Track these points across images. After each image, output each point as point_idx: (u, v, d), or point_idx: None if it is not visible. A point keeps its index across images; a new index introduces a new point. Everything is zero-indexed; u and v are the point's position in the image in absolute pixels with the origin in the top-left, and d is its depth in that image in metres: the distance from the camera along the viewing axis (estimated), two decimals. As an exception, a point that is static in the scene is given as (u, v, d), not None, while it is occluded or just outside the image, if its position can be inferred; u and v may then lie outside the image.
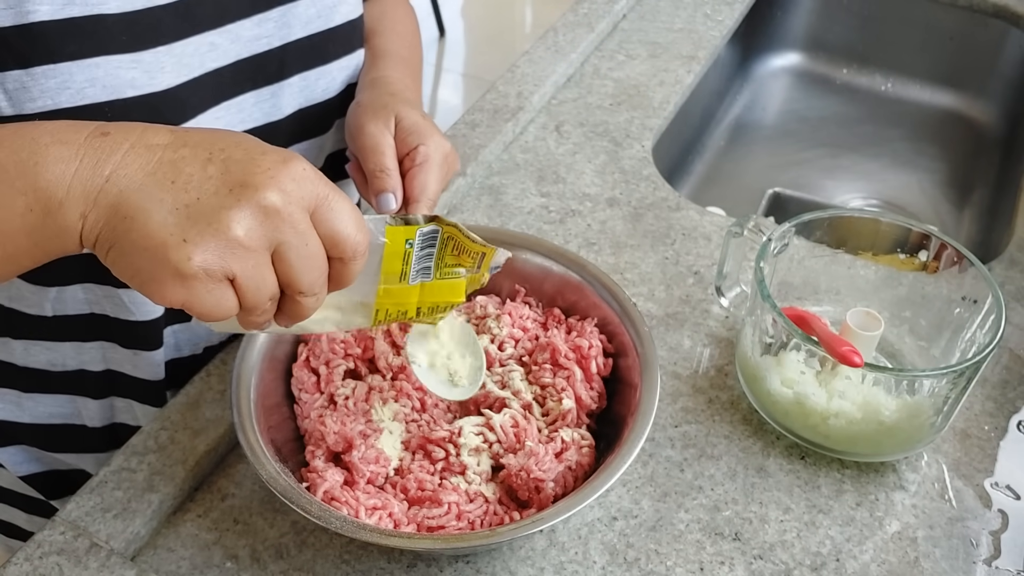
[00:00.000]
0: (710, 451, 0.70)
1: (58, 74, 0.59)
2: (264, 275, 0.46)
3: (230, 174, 0.46)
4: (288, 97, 0.74)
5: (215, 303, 0.46)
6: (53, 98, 0.59)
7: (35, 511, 0.87)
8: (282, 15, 0.70)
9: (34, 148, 0.47)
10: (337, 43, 0.75)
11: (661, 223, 0.90)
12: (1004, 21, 1.25)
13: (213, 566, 0.63)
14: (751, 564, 0.63)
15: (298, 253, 0.47)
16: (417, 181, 0.67)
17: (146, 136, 0.47)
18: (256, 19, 0.69)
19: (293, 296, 0.49)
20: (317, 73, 0.75)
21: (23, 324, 0.72)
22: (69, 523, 0.63)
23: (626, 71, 1.11)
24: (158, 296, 0.46)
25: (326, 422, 0.64)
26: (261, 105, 0.73)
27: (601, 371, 0.68)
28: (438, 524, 0.60)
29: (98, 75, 0.60)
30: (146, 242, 0.45)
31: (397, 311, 0.58)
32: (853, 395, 0.67)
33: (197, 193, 0.45)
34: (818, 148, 1.28)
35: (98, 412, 0.79)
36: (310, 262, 0.47)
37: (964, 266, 0.71)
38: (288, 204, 0.46)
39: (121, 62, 0.61)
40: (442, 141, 0.69)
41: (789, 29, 1.37)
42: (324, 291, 0.50)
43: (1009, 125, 1.26)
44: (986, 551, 0.65)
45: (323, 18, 0.73)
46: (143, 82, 0.62)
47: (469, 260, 0.58)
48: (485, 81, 2.69)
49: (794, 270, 0.77)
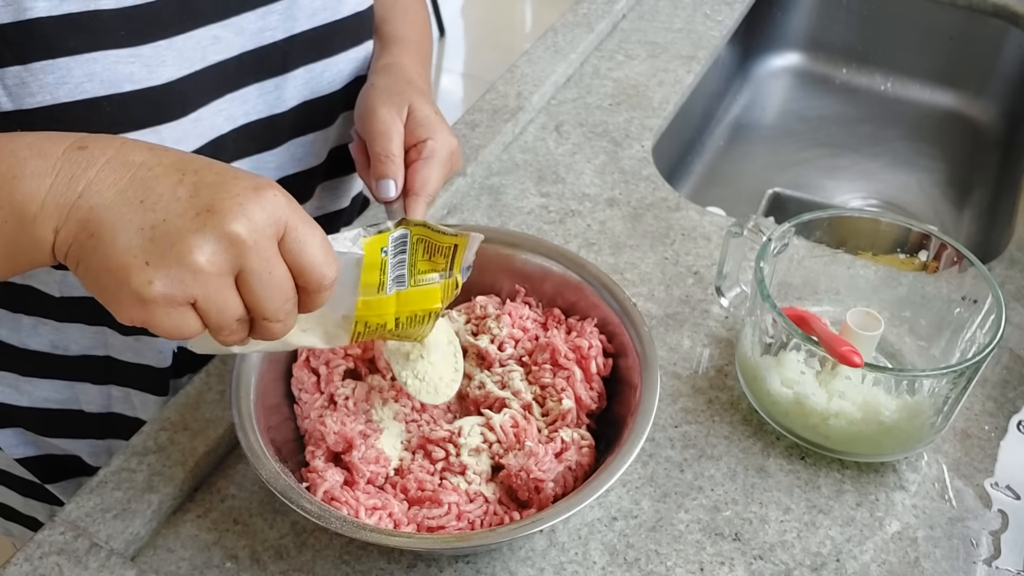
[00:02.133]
0: (710, 451, 0.70)
1: (56, 69, 0.59)
2: (226, 299, 0.47)
3: (199, 197, 0.46)
4: (292, 89, 0.74)
5: (174, 325, 0.46)
6: (52, 93, 0.59)
7: (31, 494, 0.87)
8: (287, 7, 0.70)
9: (13, 161, 0.47)
10: (344, 35, 0.75)
11: (661, 223, 0.90)
12: (1004, 21, 1.25)
13: (213, 566, 0.63)
14: (751, 564, 0.63)
15: (261, 281, 0.47)
16: (420, 175, 0.67)
17: (123, 152, 0.48)
18: (260, 11, 0.69)
19: (259, 320, 0.49)
20: (323, 65, 0.75)
21: (35, 301, 0.73)
22: (69, 523, 0.63)
23: (626, 71, 1.11)
24: (120, 316, 0.46)
25: (326, 422, 0.64)
26: (265, 97, 0.73)
27: (601, 371, 0.68)
28: (438, 524, 0.60)
29: (96, 70, 0.60)
30: (109, 263, 0.45)
31: (376, 323, 0.57)
32: (853, 395, 0.67)
33: (164, 214, 0.45)
34: (818, 148, 1.28)
35: (97, 398, 0.80)
36: (273, 290, 0.47)
37: (964, 266, 0.70)
38: (253, 232, 0.46)
39: (119, 56, 0.61)
40: (450, 138, 0.69)
41: (789, 29, 1.37)
42: (292, 317, 0.50)
43: (1009, 125, 1.26)
44: (986, 551, 0.65)
45: (329, 10, 0.73)
46: (142, 76, 0.62)
47: (442, 260, 0.57)
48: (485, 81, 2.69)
49: (794, 270, 0.77)
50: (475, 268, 0.73)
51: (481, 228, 0.74)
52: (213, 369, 0.73)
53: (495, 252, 0.72)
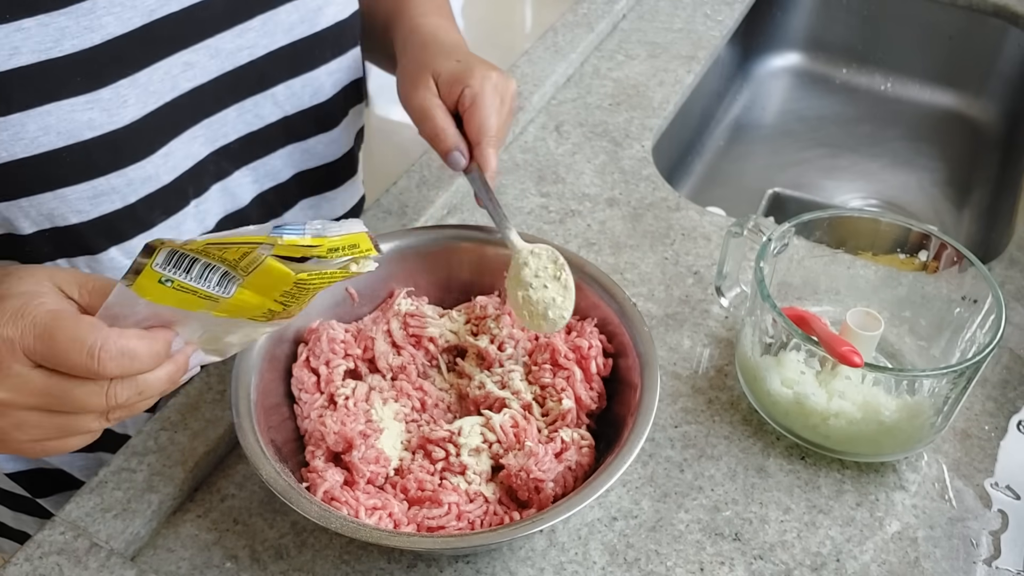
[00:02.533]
0: (710, 451, 0.70)
1: (9, 126, 0.58)
2: (21, 420, 0.49)
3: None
4: (271, 107, 0.72)
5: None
6: (8, 150, 0.58)
7: (21, 509, 0.87)
8: (263, 23, 0.68)
9: None
10: (324, 47, 0.73)
11: (661, 223, 0.90)
12: (1003, 21, 1.25)
13: (213, 566, 0.63)
14: (751, 564, 0.63)
15: (24, 418, 0.48)
16: (473, 124, 0.67)
17: None
18: (237, 30, 0.67)
19: (119, 410, 0.50)
20: (302, 80, 0.73)
21: None
22: (69, 523, 0.63)
23: (626, 71, 1.11)
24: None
25: (326, 422, 0.64)
26: (244, 116, 0.71)
27: (601, 371, 0.68)
28: (438, 524, 0.60)
29: (51, 122, 0.59)
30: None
31: (264, 311, 0.52)
32: (853, 395, 0.67)
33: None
34: (818, 148, 1.28)
35: None
36: (46, 418, 0.49)
37: (964, 266, 0.70)
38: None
39: (75, 105, 0.60)
40: (487, 72, 0.68)
41: (789, 29, 1.37)
42: (115, 413, 0.50)
43: (1009, 125, 1.26)
44: (986, 551, 0.65)
45: (307, 23, 0.71)
46: (102, 121, 0.61)
47: (234, 250, 0.50)
48: (485, 81, 2.69)
49: (794, 270, 0.77)
50: (475, 268, 0.73)
51: (483, 228, 0.74)
52: (213, 369, 0.73)
53: (495, 252, 0.72)
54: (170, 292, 0.48)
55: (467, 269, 0.74)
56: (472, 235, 0.74)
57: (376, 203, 0.89)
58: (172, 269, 0.48)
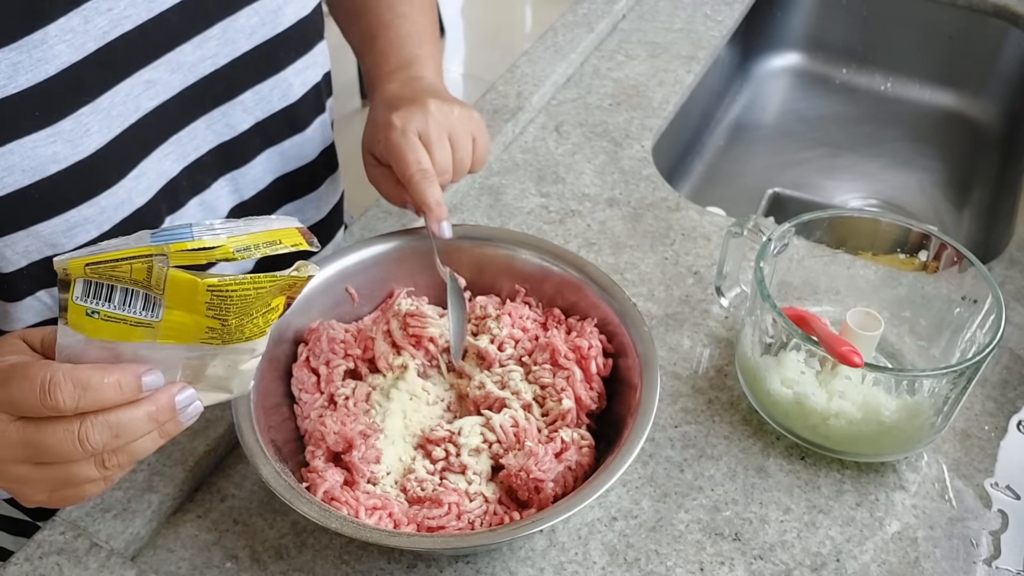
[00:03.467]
0: (710, 451, 0.70)
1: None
2: (20, 476, 0.49)
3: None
4: (242, 113, 0.71)
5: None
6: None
7: (21, 533, 0.86)
8: (223, 31, 0.66)
9: None
10: (288, 48, 0.72)
11: (661, 223, 0.90)
12: (1004, 21, 1.25)
13: (213, 566, 0.63)
14: (751, 564, 0.63)
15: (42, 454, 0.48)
16: (416, 197, 0.69)
17: None
18: (196, 41, 0.65)
19: (113, 454, 0.49)
20: (270, 84, 0.72)
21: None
22: (69, 523, 0.63)
23: (625, 71, 1.11)
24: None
25: (326, 422, 0.64)
26: (214, 127, 0.70)
27: (601, 371, 0.68)
28: (438, 524, 0.60)
29: (14, 161, 0.57)
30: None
31: (204, 329, 0.49)
32: (853, 395, 0.67)
33: None
34: (817, 148, 1.28)
35: None
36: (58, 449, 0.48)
37: (964, 266, 0.70)
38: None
39: (37, 140, 0.58)
40: (409, 113, 0.70)
41: (789, 29, 1.37)
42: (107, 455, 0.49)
43: (1009, 125, 1.26)
44: (986, 551, 0.65)
45: (268, 25, 0.69)
46: (66, 154, 0.59)
47: (140, 264, 0.48)
48: (485, 81, 2.69)
49: (794, 270, 0.77)
50: (475, 268, 0.73)
51: (481, 228, 0.74)
52: (213, 369, 0.73)
53: (495, 252, 0.72)
54: (102, 324, 0.46)
55: (467, 269, 0.74)
56: (472, 235, 0.74)
57: (376, 203, 0.89)
58: (93, 300, 0.46)
